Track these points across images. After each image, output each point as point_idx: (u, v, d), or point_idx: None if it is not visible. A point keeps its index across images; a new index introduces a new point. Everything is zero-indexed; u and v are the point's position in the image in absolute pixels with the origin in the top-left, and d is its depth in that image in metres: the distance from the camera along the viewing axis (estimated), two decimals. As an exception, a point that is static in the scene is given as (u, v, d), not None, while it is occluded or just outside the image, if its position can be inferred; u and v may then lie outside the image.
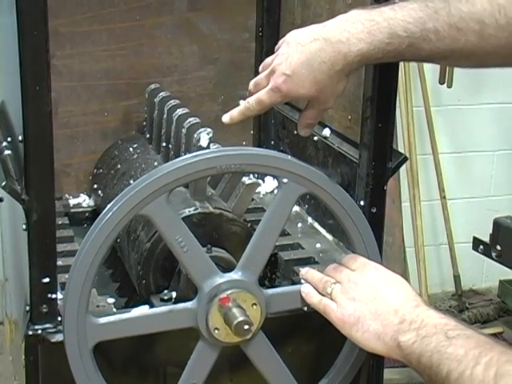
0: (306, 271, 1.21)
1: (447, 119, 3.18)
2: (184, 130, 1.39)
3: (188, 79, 1.72)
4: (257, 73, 1.73)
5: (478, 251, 2.10)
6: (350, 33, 1.11)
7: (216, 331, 1.15)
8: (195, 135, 1.32)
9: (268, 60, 1.22)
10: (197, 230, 1.18)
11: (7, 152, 1.25)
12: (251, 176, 1.39)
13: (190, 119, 1.39)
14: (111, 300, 1.28)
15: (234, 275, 1.16)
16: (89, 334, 1.11)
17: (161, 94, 1.58)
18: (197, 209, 1.29)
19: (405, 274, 3.07)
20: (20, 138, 1.14)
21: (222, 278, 1.15)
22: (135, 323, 1.14)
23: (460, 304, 3.25)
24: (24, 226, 1.16)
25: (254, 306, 1.16)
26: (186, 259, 1.14)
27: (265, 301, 1.17)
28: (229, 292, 1.14)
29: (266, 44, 1.75)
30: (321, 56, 1.12)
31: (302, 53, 1.14)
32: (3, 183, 1.15)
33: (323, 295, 1.16)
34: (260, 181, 1.58)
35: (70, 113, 1.65)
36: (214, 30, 1.72)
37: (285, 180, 1.16)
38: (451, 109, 3.17)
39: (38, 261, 1.16)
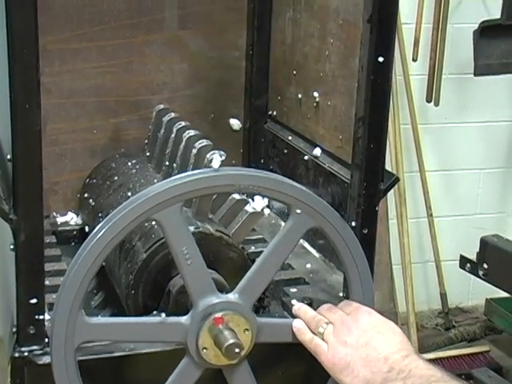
0: (298, 307, 1.20)
1: (434, 137, 3.18)
2: (194, 151, 1.39)
3: (178, 97, 1.72)
4: (246, 91, 1.76)
5: (464, 269, 2.11)
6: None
7: (204, 350, 1.14)
8: (208, 156, 1.32)
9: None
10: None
11: (-5, 171, 1.23)
12: (254, 205, 1.38)
13: (201, 140, 1.40)
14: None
15: (231, 297, 1.15)
16: (77, 331, 1.09)
17: (171, 114, 1.58)
18: (198, 228, 1.28)
19: (392, 292, 3.07)
20: (8, 156, 1.13)
21: (218, 298, 1.14)
22: (124, 329, 1.14)
23: (446, 322, 3.25)
24: (12, 246, 1.14)
25: (246, 332, 1.15)
26: (187, 272, 1.13)
27: (256, 328, 1.16)
28: (223, 313, 1.13)
29: (257, 62, 1.74)
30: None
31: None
32: (-10, 203, 1.14)
33: (315, 334, 1.15)
34: (250, 199, 1.57)
35: (58, 130, 1.64)
36: (204, 48, 1.72)
37: (298, 211, 1.16)
38: (438, 127, 3.18)
39: (26, 281, 1.15)
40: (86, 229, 1.58)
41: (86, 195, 1.62)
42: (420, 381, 1.00)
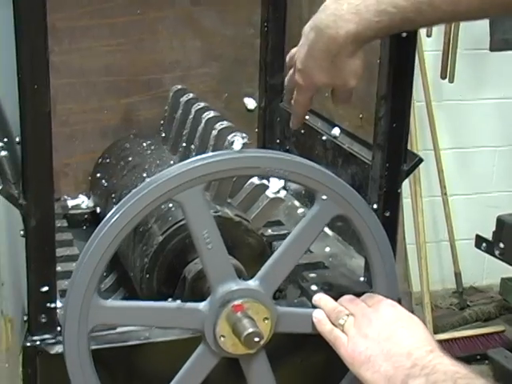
0: (319, 297, 1.16)
1: (449, 115, 3.15)
2: (215, 132, 1.34)
3: (190, 76, 1.68)
4: (261, 69, 1.73)
5: (480, 249, 2.09)
6: (337, 15, 1.07)
7: (221, 338, 1.10)
8: (229, 138, 1.28)
9: (292, 51, 1.21)
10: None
11: (3, 153, 1.19)
12: (275, 190, 1.34)
13: (222, 122, 1.36)
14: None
15: (252, 284, 1.11)
16: (91, 314, 1.06)
17: (189, 94, 1.54)
18: (217, 212, 1.24)
19: (406, 272, 3.05)
20: (17, 139, 1.09)
21: (238, 285, 1.11)
22: (140, 313, 1.10)
23: (461, 302, 3.24)
24: (22, 232, 1.11)
25: (266, 321, 1.11)
26: (207, 256, 1.09)
27: (276, 317, 1.12)
28: (243, 300, 1.09)
29: (272, 40, 1.70)
30: (317, 45, 1.11)
31: (305, 45, 1.13)
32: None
33: (335, 325, 1.11)
34: (265, 181, 1.54)
35: (68, 111, 1.61)
36: (218, 25, 1.68)
37: (324, 197, 1.12)
38: (453, 104, 3.15)
39: (37, 268, 1.11)
40: (98, 210, 1.55)
41: (98, 175, 1.58)
42: (444, 377, 0.96)
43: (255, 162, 1.09)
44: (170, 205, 1.28)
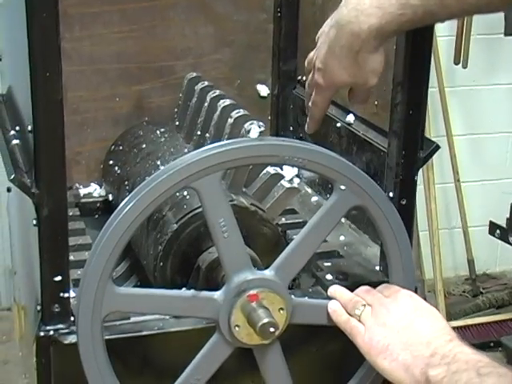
0: (334, 289, 1.15)
1: (462, 100, 3.13)
2: (231, 120, 1.33)
3: (203, 62, 1.66)
4: (274, 56, 1.71)
5: (494, 236, 2.08)
6: (359, 10, 1.05)
7: (236, 328, 1.09)
8: (245, 126, 1.27)
9: (310, 55, 1.19)
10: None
11: (15, 142, 1.19)
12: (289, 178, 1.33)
13: (238, 110, 1.35)
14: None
15: (267, 274, 1.10)
16: (106, 300, 1.05)
17: (204, 82, 1.53)
18: (232, 200, 1.23)
19: (418, 259, 3.04)
20: (29, 127, 1.08)
21: (254, 275, 1.09)
22: (154, 301, 1.09)
23: (474, 288, 3.23)
24: (34, 222, 1.10)
25: (281, 311, 1.10)
26: (223, 245, 1.08)
27: (291, 308, 1.11)
28: (259, 290, 1.08)
29: (285, 25, 1.68)
30: (338, 42, 1.09)
31: (325, 43, 1.11)
32: (12, 176, 1.09)
33: (351, 315, 1.10)
34: (279, 169, 1.52)
35: (79, 98, 1.60)
36: (230, 10, 1.66)
37: (342, 187, 1.10)
38: (466, 90, 3.13)
39: (50, 258, 1.10)
40: (110, 197, 1.54)
41: (110, 162, 1.57)
42: (466, 366, 0.95)
43: (274, 150, 1.07)
44: (185, 193, 1.27)
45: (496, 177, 3.26)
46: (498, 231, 2.07)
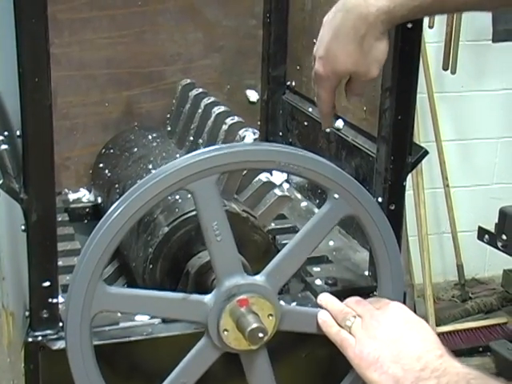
0: (324, 298, 1.15)
1: (451, 106, 3.14)
2: (225, 127, 1.34)
3: (192, 68, 1.66)
4: (264, 61, 1.71)
5: (483, 241, 2.07)
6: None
7: (225, 333, 1.09)
8: (240, 133, 1.27)
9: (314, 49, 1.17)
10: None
11: (4, 147, 1.18)
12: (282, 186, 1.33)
13: (232, 117, 1.35)
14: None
15: (258, 279, 1.10)
16: (95, 300, 1.05)
17: (198, 89, 1.54)
18: (224, 206, 1.23)
19: (408, 264, 3.04)
20: (18, 133, 1.08)
21: (245, 280, 1.09)
22: (144, 302, 1.09)
23: (463, 293, 3.23)
24: (23, 227, 1.10)
25: (270, 317, 1.10)
26: (215, 248, 1.08)
27: (280, 315, 1.11)
28: (249, 295, 1.08)
29: (274, 31, 1.69)
30: (344, 26, 1.07)
31: (330, 29, 1.10)
32: (0, 181, 1.09)
33: (341, 327, 1.10)
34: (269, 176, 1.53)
35: (68, 104, 1.59)
36: (220, 16, 1.66)
37: (336, 195, 1.10)
38: (455, 95, 3.14)
39: (38, 263, 1.10)
40: (99, 200, 1.54)
41: (101, 165, 1.57)
42: (457, 378, 0.95)
43: (271, 155, 1.07)
44: (177, 196, 1.27)
45: (485, 182, 3.26)
46: (486, 236, 2.07)
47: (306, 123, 1.59)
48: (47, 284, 1.10)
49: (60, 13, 1.52)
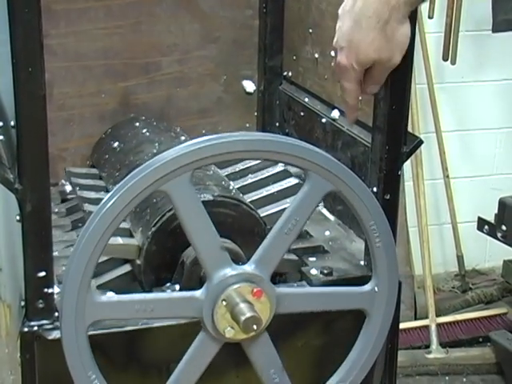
0: None
1: (451, 97, 3.12)
2: None
3: (189, 59, 1.66)
4: (260, 51, 1.71)
5: (482, 231, 2.08)
6: None
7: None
8: None
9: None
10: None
11: (-1, 137, 1.18)
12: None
13: None
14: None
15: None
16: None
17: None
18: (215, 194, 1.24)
19: (408, 255, 3.04)
20: (12, 123, 1.08)
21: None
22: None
23: (463, 284, 3.22)
24: (18, 217, 1.10)
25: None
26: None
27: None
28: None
29: (270, 21, 1.68)
30: (365, 13, 1.06)
31: (350, 18, 1.08)
32: (-5, 172, 1.09)
33: None
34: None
35: (65, 95, 1.59)
36: (216, 6, 1.66)
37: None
38: (455, 86, 3.12)
39: (33, 254, 1.11)
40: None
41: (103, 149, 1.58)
42: None
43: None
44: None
45: (485, 172, 3.25)
46: (486, 227, 2.07)
47: (302, 113, 1.59)
48: (42, 274, 1.11)
49: (56, 3, 1.52)
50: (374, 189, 1.23)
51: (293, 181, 1.44)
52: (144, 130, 1.57)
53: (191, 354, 1.11)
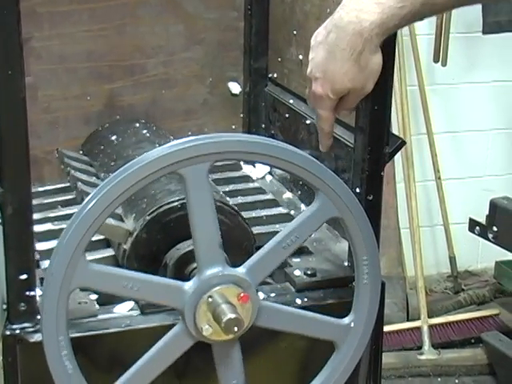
0: None
1: (442, 98, 3.13)
2: None
3: (174, 61, 1.66)
4: (246, 53, 1.71)
5: (474, 232, 2.08)
6: (358, 10, 1.06)
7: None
8: None
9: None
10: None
11: (-20, 140, 1.17)
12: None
13: None
14: (94, 296, 1.21)
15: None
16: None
17: None
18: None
19: (400, 257, 3.04)
20: (-8, 126, 1.07)
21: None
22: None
23: (456, 285, 3.23)
24: (-1, 220, 1.10)
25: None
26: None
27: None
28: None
29: (256, 23, 1.68)
30: (339, 44, 1.08)
31: (324, 49, 1.10)
32: (-24, 175, 1.09)
33: None
34: (251, 166, 1.53)
35: (50, 97, 1.59)
36: (201, 8, 1.66)
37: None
38: (446, 88, 3.13)
39: (15, 257, 1.10)
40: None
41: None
42: None
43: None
44: (153, 191, 1.27)
45: (477, 174, 3.26)
46: (477, 228, 2.08)
47: (287, 115, 1.59)
48: (24, 277, 1.10)
49: (39, 6, 1.52)
50: (357, 190, 1.23)
51: (282, 210, 1.46)
52: (144, 131, 1.57)
53: (162, 344, 1.10)
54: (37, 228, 1.30)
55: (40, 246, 1.31)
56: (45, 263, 1.26)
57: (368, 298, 1.17)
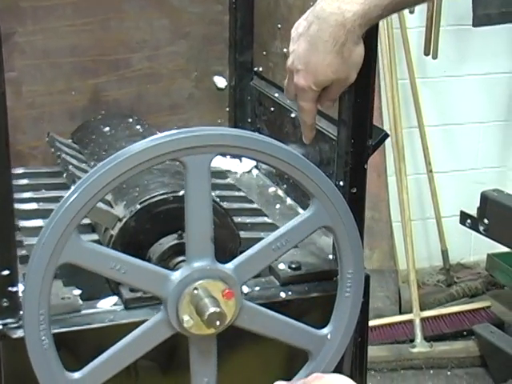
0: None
1: (433, 91, 3.13)
2: None
3: (159, 55, 1.66)
4: (231, 47, 1.70)
5: (465, 225, 2.08)
6: (340, 0, 1.05)
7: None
8: None
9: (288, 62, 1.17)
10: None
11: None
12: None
13: None
14: (77, 291, 1.21)
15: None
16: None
17: None
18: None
19: (392, 250, 3.05)
20: (-28, 122, 1.07)
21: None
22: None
23: (448, 278, 3.24)
24: (-20, 216, 1.09)
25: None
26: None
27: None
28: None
29: (240, 17, 1.68)
30: (321, 36, 1.07)
31: (305, 41, 1.09)
32: (-44, 169, 1.08)
33: None
34: (237, 160, 1.53)
35: (34, 92, 1.59)
36: (185, 2, 1.65)
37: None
38: (437, 81, 3.13)
39: (-3, 252, 1.09)
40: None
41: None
42: None
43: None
44: (137, 188, 1.27)
45: (468, 167, 3.27)
46: (468, 221, 2.08)
47: (272, 109, 1.59)
48: (6, 273, 1.09)
49: (23, 1, 1.51)
50: (341, 183, 1.23)
51: (267, 220, 1.44)
52: (138, 127, 1.57)
53: (140, 331, 1.09)
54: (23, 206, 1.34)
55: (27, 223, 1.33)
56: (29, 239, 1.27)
57: (348, 312, 1.16)
